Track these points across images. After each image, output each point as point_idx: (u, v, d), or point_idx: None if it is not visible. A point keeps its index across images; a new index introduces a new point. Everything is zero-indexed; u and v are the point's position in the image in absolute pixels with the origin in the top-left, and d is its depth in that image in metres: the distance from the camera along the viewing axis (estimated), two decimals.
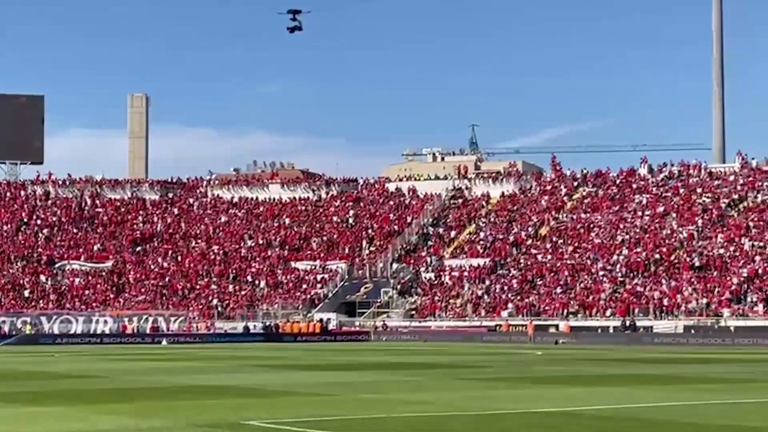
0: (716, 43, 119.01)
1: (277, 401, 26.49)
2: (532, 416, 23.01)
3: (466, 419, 22.41)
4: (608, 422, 22.03)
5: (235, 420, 21.94)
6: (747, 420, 22.31)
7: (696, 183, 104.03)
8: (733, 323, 79.29)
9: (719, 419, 22.47)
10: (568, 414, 23.49)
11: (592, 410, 24.19)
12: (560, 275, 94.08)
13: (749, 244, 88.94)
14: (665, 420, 22.33)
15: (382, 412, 23.68)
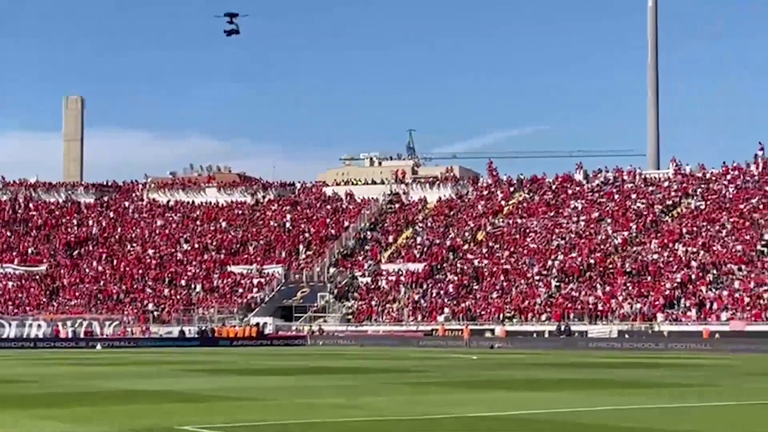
0: (651, 50, 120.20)
1: (213, 406, 26.38)
2: (466, 421, 23.10)
3: (401, 424, 22.47)
4: (543, 426, 22.16)
5: (169, 425, 21.82)
6: (680, 424, 22.56)
7: (630, 189, 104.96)
8: (667, 328, 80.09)
9: (653, 423, 22.68)
10: (502, 418, 23.60)
11: (526, 414, 24.32)
12: (496, 280, 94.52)
13: (682, 249, 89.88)
14: (599, 424, 22.52)
15: (317, 416, 23.67)
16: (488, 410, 25.17)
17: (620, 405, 26.55)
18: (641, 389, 32.24)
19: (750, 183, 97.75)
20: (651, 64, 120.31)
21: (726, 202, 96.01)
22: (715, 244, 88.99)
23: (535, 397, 29.46)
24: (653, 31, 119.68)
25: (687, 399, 28.54)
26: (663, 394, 30.13)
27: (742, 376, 39.81)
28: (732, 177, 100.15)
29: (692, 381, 36.31)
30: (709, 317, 79.62)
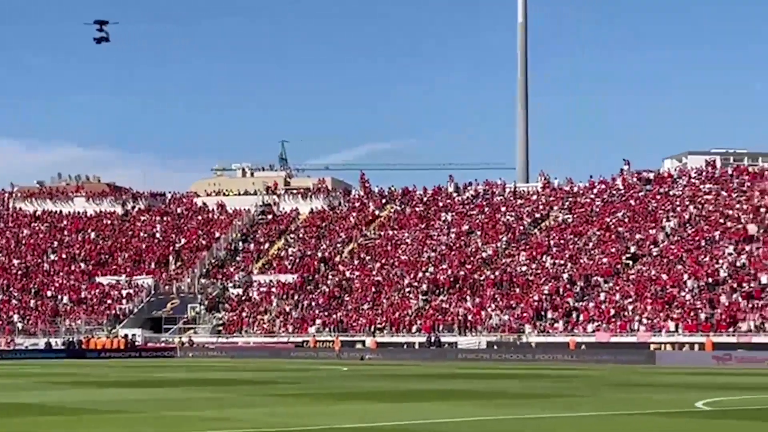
0: (520, 64, 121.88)
1: (79, 419, 26.00)
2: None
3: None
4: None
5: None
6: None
7: (500, 202, 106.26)
8: (534, 339, 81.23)
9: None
10: (370, 429, 23.71)
11: (395, 426, 24.45)
12: (368, 291, 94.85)
13: (550, 262, 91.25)
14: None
15: (184, 429, 23.49)
16: (358, 421, 25.25)
17: (486, 416, 26.85)
18: (507, 400, 32.63)
19: (616, 197, 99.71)
20: (520, 79, 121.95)
21: (592, 215, 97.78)
22: (581, 257, 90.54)
23: (403, 408, 29.64)
24: (522, 46, 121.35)
25: (551, 409, 28.98)
26: (528, 405, 30.54)
27: (606, 386, 40.56)
28: (598, 191, 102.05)
29: (558, 392, 36.87)
30: (576, 328, 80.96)
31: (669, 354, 73.31)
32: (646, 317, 78.68)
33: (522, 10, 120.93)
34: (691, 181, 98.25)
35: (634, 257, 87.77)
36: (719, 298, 78.00)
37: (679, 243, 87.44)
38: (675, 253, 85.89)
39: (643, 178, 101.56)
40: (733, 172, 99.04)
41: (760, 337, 72.58)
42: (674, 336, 76.11)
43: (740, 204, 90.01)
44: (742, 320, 74.74)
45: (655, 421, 25.79)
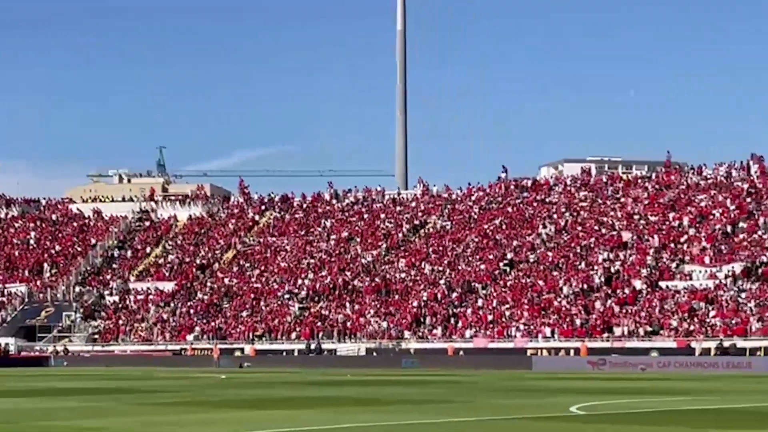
0: (400, 72, 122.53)
1: None
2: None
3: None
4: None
5: None
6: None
7: (379, 208, 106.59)
8: (413, 346, 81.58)
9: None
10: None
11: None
12: (246, 299, 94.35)
13: (429, 268, 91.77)
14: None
15: None
16: (233, 429, 25.04)
17: (363, 422, 26.84)
18: (385, 406, 32.67)
19: (493, 204, 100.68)
20: (399, 86, 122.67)
21: (471, 222, 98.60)
22: (460, 263, 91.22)
23: (281, 415, 29.48)
24: (402, 53, 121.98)
25: (428, 415, 29.07)
26: (405, 411, 30.60)
27: (483, 392, 40.86)
28: (477, 198, 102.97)
29: (435, 398, 37.02)
30: (454, 335, 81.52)
31: (545, 359, 74.19)
32: (522, 323, 79.58)
33: (401, 18, 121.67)
34: (566, 188, 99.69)
35: (511, 263, 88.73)
36: (594, 303, 79.24)
37: (555, 249, 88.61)
38: (551, 259, 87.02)
39: (520, 185, 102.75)
40: (607, 179, 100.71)
41: (634, 342, 73.89)
42: (550, 341, 77.10)
43: (614, 211, 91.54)
44: (616, 325, 76.00)
45: (530, 426, 26.03)
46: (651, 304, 77.12)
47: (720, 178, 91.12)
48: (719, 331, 71.23)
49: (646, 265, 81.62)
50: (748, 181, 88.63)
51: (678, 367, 66.83)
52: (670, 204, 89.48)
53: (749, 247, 79.37)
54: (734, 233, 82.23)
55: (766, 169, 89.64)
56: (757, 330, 70.17)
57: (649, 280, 79.79)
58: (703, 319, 73.50)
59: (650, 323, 74.84)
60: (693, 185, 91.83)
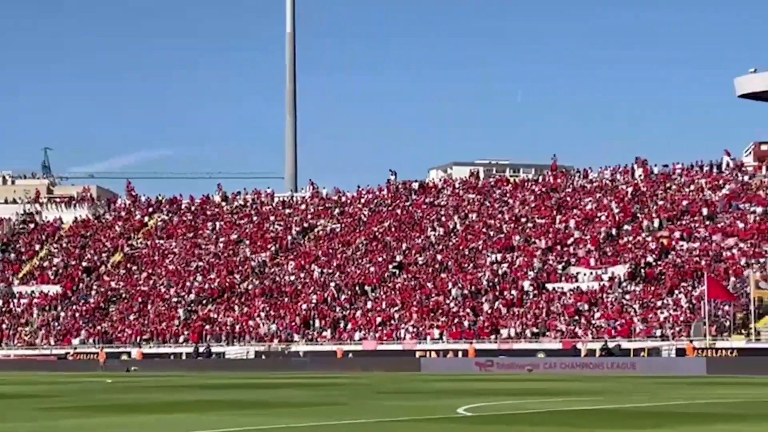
0: (289, 74, 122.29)
1: None
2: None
3: None
4: None
5: None
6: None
7: (269, 211, 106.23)
8: (303, 348, 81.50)
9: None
10: None
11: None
12: (134, 302, 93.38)
13: (318, 271, 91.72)
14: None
15: None
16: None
17: (249, 425, 26.73)
18: (273, 409, 32.59)
19: (383, 206, 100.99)
20: (289, 88, 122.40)
21: (360, 224, 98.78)
22: (349, 266, 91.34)
23: (167, 419, 29.23)
24: (291, 56, 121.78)
25: (316, 418, 29.07)
26: (292, 414, 30.57)
27: (372, 394, 40.96)
28: (366, 200, 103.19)
29: (324, 400, 37.02)
30: (343, 337, 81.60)
31: (434, 361, 74.68)
32: (411, 325, 79.97)
33: (290, 20, 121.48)
34: (455, 191, 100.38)
35: (400, 266, 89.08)
36: (482, 305, 79.95)
37: (444, 252, 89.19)
38: (440, 261, 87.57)
39: (409, 188, 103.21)
40: (495, 182, 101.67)
41: (521, 343, 74.71)
42: (439, 343, 77.61)
43: (502, 214, 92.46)
44: (504, 327, 76.78)
45: (417, 428, 26.18)
46: (538, 305, 78.05)
47: (605, 182, 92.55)
48: (604, 333, 72.37)
49: (533, 267, 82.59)
50: (632, 184, 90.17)
51: (564, 368, 67.75)
52: (556, 207, 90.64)
53: (633, 249, 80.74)
54: (619, 236, 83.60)
55: (649, 172, 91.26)
56: (641, 331, 71.43)
57: (536, 282, 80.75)
58: (588, 320, 74.61)
59: (537, 325, 75.76)
60: (579, 188, 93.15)
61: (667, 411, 31.00)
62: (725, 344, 67.51)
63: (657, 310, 73.01)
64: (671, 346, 69.18)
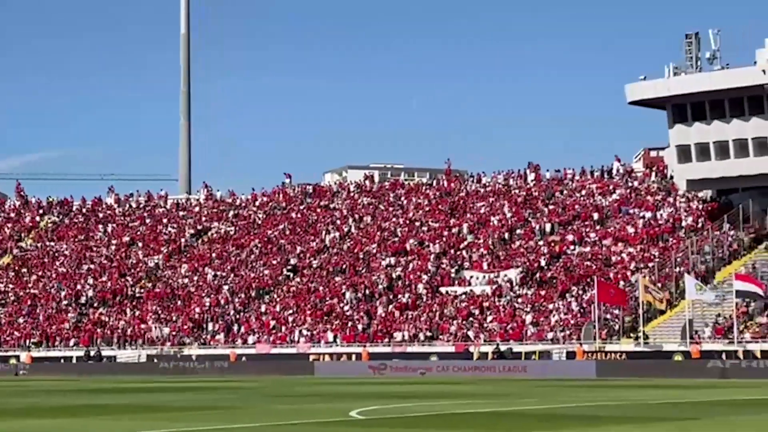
0: (183, 76, 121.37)
1: None
2: None
3: None
4: None
5: None
6: None
7: (162, 213, 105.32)
8: (195, 352, 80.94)
9: None
10: None
11: None
12: (23, 305, 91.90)
13: (212, 274, 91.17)
14: None
15: None
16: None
17: (141, 430, 26.50)
18: (165, 413, 32.33)
19: (278, 209, 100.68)
20: (183, 90, 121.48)
21: (254, 227, 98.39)
22: (243, 269, 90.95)
23: (55, 424, 28.82)
24: (186, 57, 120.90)
25: (209, 422, 28.91)
26: (185, 418, 30.36)
27: (265, 398, 40.85)
28: (261, 203, 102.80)
29: (216, 404, 36.82)
30: (237, 341, 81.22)
31: (327, 364, 74.70)
32: (305, 328, 79.89)
33: (185, 21, 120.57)
34: (350, 194, 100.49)
35: (295, 269, 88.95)
36: (376, 309, 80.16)
37: (339, 255, 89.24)
38: (334, 265, 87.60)
39: (304, 191, 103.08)
40: (390, 186, 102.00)
41: (414, 346, 75.06)
42: (333, 347, 77.64)
43: (397, 217, 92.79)
44: (397, 330, 77.06)
45: (310, 431, 26.17)
46: (431, 309, 78.47)
47: (498, 186, 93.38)
48: (496, 336, 73.03)
49: (427, 270, 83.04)
50: (525, 189, 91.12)
51: (456, 371, 68.27)
52: (450, 211, 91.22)
53: (525, 253, 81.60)
54: (511, 240, 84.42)
55: (542, 177, 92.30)
56: (533, 334, 72.23)
57: (430, 285, 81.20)
58: (481, 324, 75.22)
59: (430, 328, 76.18)
60: (472, 193, 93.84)
61: (557, 413, 31.39)
62: (615, 347, 68.56)
63: (548, 313, 73.89)
64: (562, 349, 70.06)
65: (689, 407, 33.84)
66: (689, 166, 75.66)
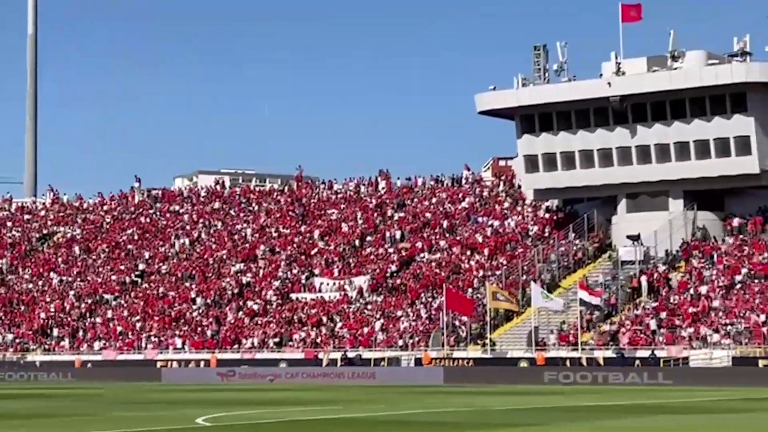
0: (30, 77, 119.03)
1: None
2: None
3: None
4: None
5: None
6: None
7: (6, 217, 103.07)
8: (39, 358, 79.35)
9: None
10: None
11: None
12: None
13: (57, 279, 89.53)
14: None
15: None
16: None
17: None
18: (5, 421, 31.66)
19: (126, 214, 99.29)
20: (30, 91, 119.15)
21: (102, 232, 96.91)
22: (89, 274, 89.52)
23: None
24: (32, 58, 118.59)
25: (49, 430, 28.41)
26: (27, 426, 29.78)
27: (110, 405, 40.28)
28: (109, 207, 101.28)
29: (59, 411, 36.18)
30: (82, 347, 79.92)
31: (175, 371, 74.04)
32: (153, 335, 78.99)
33: (32, 21, 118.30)
34: (200, 199, 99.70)
35: (143, 274, 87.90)
36: (225, 315, 79.70)
37: (189, 261, 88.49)
38: (184, 270, 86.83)
39: (153, 195, 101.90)
40: (241, 191, 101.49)
41: (264, 353, 74.81)
42: (181, 353, 76.93)
43: (247, 223, 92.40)
44: (247, 337, 76.71)
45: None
46: (281, 315, 78.33)
47: (349, 193, 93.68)
48: (346, 343, 73.22)
49: (277, 277, 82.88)
50: (376, 196, 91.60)
51: (306, 377, 68.29)
52: (301, 217, 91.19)
53: (376, 260, 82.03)
54: (362, 247, 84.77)
55: (392, 185, 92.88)
56: (382, 341, 72.61)
57: (280, 291, 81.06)
58: (330, 330, 75.33)
59: (280, 335, 76.02)
60: (324, 199, 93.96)
61: (403, 420, 31.61)
62: (462, 354, 69.34)
63: (398, 320, 74.35)
64: (411, 355, 70.56)
65: (532, 413, 34.43)
66: (536, 175, 76.95)
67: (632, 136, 73.12)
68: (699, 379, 59.38)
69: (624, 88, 72.15)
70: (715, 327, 64.28)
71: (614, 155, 73.75)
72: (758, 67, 69.93)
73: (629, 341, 65.57)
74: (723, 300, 66.49)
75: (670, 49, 71.83)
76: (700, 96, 70.78)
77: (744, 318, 64.16)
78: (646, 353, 63.91)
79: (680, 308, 67.01)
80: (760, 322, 63.28)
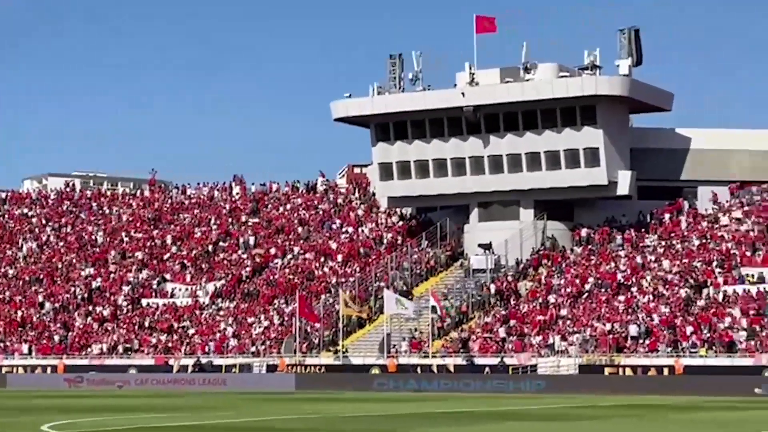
0: None
1: None
2: None
3: None
4: None
5: None
6: None
7: None
8: None
9: None
10: None
11: None
12: None
13: None
14: None
15: None
16: None
17: None
18: None
19: None
20: None
21: None
22: None
23: None
24: None
25: None
26: None
27: None
28: None
29: None
30: None
31: (20, 377, 72.72)
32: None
33: None
34: (50, 202, 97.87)
35: None
36: (74, 320, 78.39)
37: (37, 264, 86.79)
38: (31, 274, 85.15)
39: (1, 198, 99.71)
40: (92, 195, 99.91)
41: (113, 359, 73.78)
42: (27, 359, 75.44)
43: (98, 227, 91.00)
44: (96, 342, 75.55)
45: None
46: (132, 321, 77.34)
47: (203, 198, 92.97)
48: (198, 348, 72.60)
49: (128, 281, 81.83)
50: (230, 201, 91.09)
51: (156, 383, 67.59)
52: (153, 221, 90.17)
53: (229, 266, 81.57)
54: (215, 252, 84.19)
55: (247, 190, 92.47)
56: (234, 347, 72.18)
57: (131, 297, 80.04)
58: (182, 336, 74.63)
59: (130, 340, 75.03)
60: (177, 204, 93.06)
61: (252, 427, 31.48)
62: (314, 361, 69.33)
63: (250, 326, 74.02)
64: (263, 362, 70.29)
65: (383, 420, 34.60)
66: (391, 183, 77.36)
67: (485, 146, 74.03)
68: (547, 386, 60.40)
69: (477, 98, 73.00)
70: (563, 335, 65.46)
71: (467, 164, 74.54)
72: (607, 80, 71.52)
73: (479, 348, 66.33)
74: (570, 309, 67.77)
75: (523, 61, 72.96)
76: (551, 108, 72.03)
77: (591, 326, 65.47)
78: (496, 360, 64.76)
79: (529, 316, 68.07)
80: (606, 330, 64.64)
